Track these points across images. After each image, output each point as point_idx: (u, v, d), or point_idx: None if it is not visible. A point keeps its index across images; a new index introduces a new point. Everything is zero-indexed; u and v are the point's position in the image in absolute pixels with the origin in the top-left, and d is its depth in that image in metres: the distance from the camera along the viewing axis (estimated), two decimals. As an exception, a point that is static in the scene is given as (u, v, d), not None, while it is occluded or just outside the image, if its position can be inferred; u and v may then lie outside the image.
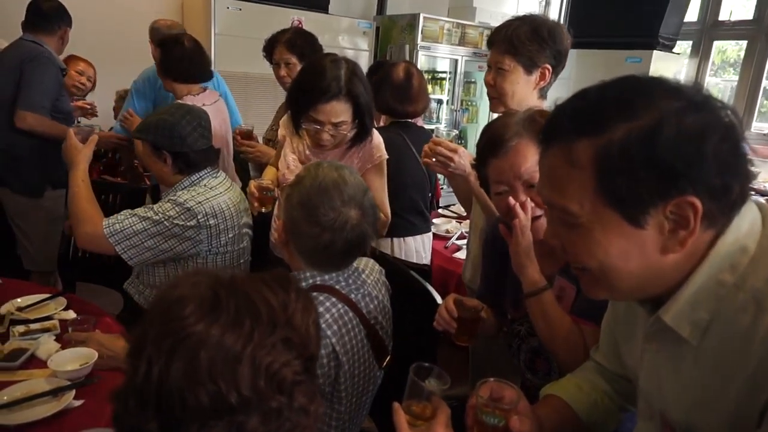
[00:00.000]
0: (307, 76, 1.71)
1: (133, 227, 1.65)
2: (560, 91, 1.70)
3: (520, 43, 1.56)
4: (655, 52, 4.66)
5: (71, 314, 1.59)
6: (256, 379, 0.64)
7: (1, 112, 2.49)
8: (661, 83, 0.70)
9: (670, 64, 4.90)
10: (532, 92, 1.63)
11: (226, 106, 2.74)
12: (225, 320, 0.65)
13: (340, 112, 1.67)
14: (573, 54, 1.75)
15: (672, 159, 0.65)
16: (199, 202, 1.69)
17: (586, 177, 0.70)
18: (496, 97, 1.65)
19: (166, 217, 1.65)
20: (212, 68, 2.67)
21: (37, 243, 2.63)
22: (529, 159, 1.15)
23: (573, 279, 1.17)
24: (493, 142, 1.20)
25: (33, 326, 1.51)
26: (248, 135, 2.42)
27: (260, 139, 2.55)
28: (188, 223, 1.67)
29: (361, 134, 1.78)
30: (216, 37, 3.97)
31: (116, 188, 2.50)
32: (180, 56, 2.38)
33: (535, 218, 1.18)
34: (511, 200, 1.17)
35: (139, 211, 1.69)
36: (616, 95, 0.71)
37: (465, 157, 1.54)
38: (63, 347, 1.41)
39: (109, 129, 3.06)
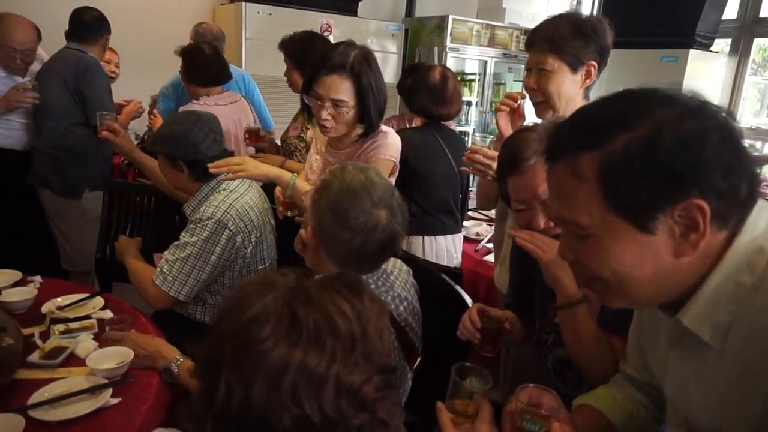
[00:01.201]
0: (321, 51, 1.71)
1: (183, 271, 1.69)
2: (596, 91, 1.66)
3: (562, 40, 1.51)
4: (691, 51, 4.53)
5: (108, 314, 1.63)
6: (340, 399, 0.63)
7: (49, 117, 2.58)
8: (656, 93, 0.72)
9: (708, 64, 4.77)
10: (578, 92, 1.57)
11: (247, 107, 2.81)
12: (306, 340, 0.63)
13: (340, 88, 1.61)
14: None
15: (673, 164, 0.67)
16: (225, 211, 1.71)
17: (593, 189, 0.71)
18: (542, 101, 1.58)
19: (203, 240, 1.68)
20: (239, 70, 2.88)
21: (74, 243, 2.71)
22: None
23: None
24: (511, 159, 1.18)
25: (72, 325, 1.55)
26: (256, 134, 2.45)
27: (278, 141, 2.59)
28: (223, 236, 1.69)
29: (367, 128, 1.71)
30: (247, 41, 4.04)
31: (151, 190, 2.54)
32: (201, 63, 2.62)
33: (556, 236, 1.16)
34: (510, 231, 1.16)
35: (177, 252, 1.71)
36: (614, 108, 0.74)
37: None
38: (100, 346, 1.44)
39: (144, 133, 3.14)
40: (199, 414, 0.66)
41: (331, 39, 4.33)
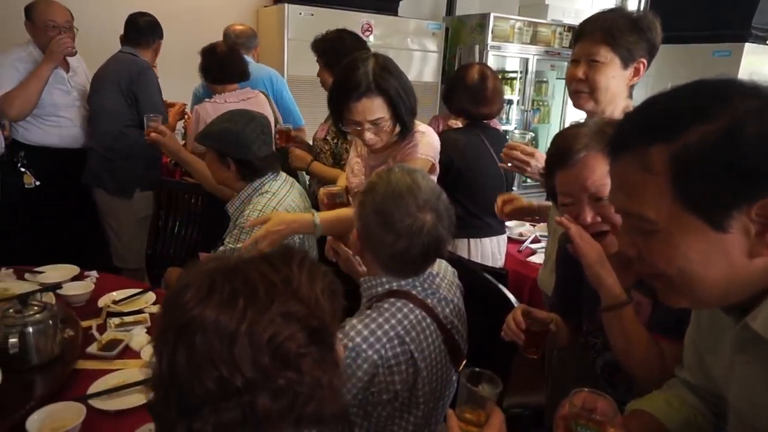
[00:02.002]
0: (338, 78, 1.69)
1: None
2: (640, 89, 1.61)
3: (619, 33, 1.47)
4: (746, 45, 4.32)
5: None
6: (258, 357, 0.63)
7: (103, 119, 2.68)
8: (734, 83, 0.69)
9: (765, 59, 4.54)
10: (624, 88, 1.54)
11: (264, 103, 2.83)
12: (218, 301, 0.65)
13: (374, 108, 1.61)
14: None
15: (756, 160, 0.63)
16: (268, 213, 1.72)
17: (663, 182, 0.69)
18: (587, 92, 1.54)
19: (250, 246, 1.69)
20: (267, 69, 3.00)
21: (125, 241, 2.81)
22: (597, 172, 1.10)
23: (649, 292, 1.10)
24: (560, 153, 1.16)
25: (126, 319, 1.61)
26: (286, 135, 2.48)
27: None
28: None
29: (403, 129, 1.70)
30: (289, 42, 4.10)
31: (197, 189, 2.61)
32: (215, 61, 2.66)
33: (601, 233, 1.13)
34: (556, 218, 1.13)
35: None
36: (688, 98, 0.70)
37: (542, 160, 1.48)
38: (153, 339, 1.49)
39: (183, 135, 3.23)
40: (152, 380, 0.68)
41: (372, 39, 4.36)
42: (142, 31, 2.79)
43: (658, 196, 0.69)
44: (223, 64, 2.67)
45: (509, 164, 1.54)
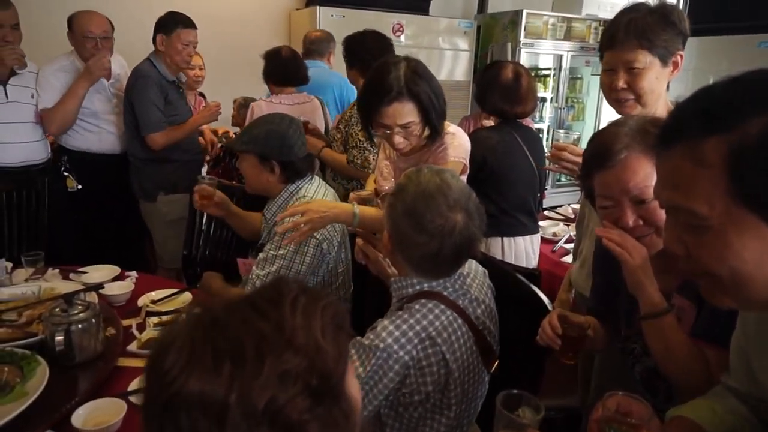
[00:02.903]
0: (369, 81, 1.69)
1: None
2: (678, 84, 1.56)
3: (654, 34, 1.41)
4: (794, 34, 4.15)
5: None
6: (254, 427, 0.54)
7: (127, 127, 2.75)
8: None
9: (814, 48, 4.34)
10: (665, 84, 1.49)
11: (318, 109, 2.90)
12: (201, 368, 0.54)
13: (404, 113, 1.61)
14: (693, 42, 1.60)
15: None
16: None
17: (717, 176, 0.65)
18: (633, 99, 1.49)
19: (292, 253, 1.73)
20: (339, 75, 3.00)
21: (158, 241, 2.88)
22: (639, 173, 1.06)
23: (693, 297, 1.06)
24: (599, 153, 1.11)
25: (165, 318, 1.66)
26: (304, 127, 2.51)
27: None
28: (311, 245, 1.75)
29: (432, 132, 1.70)
30: (321, 44, 4.14)
31: (233, 191, 2.67)
32: (276, 63, 2.78)
33: (643, 237, 1.10)
34: (598, 231, 1.09)
35: (267, 266, 1.76)
36: (747, 88, 0.66)
37: None
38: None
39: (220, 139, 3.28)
40: None
41: (402, 39, 4.37)
42: (155, 29, 2.72)
43: (711, 190, 0.66)
44: (284, 66, 2.79)
45: (556, 165, 1.49)
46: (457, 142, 1.72)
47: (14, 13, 2.46)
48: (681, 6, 5.17)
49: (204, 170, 3.13)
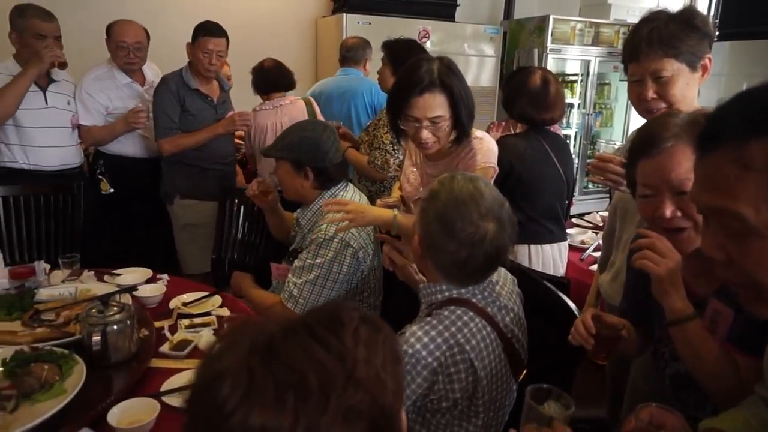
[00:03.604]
0: (401, 74, 1.70)
1: (313, 293, 1.76)
2: (710, 89, 1.53)
3: (678, 41, 1.39)
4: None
5: (226, 311, 1.76)
6: None
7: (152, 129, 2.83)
8: None
9: None
10: (696, 89, 1.46)
11: (301, 108, 3.03)
12: (262, 402, 0.51)
13: (435, 105, 1.61)
14: (724, 47, 1.57)
15: None
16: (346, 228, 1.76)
17: (764, 180, 0.63)
18: (664, 107, 1.46)
19: (329, 261, 1.75)
20: (367, 81, 3.16)
21: (177, 244, 2.92)
22: (684, 164, 1.05)
23: (731, 302, 1.04)
24: (646, 140, 1.11)
25: (196, 320, 1.69)
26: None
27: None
28: (348, 253, 1.76)
29: (460, 134, 1.70)
30: (347, 51, 4.18)
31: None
32: (259, 74, 3.03)
33: (679, 230, 1.08)
34: (636, 244, 1.08)
35: (304, 275, 1.77)
36: None
37: None
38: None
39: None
40: None
41: (428, 45, 4.38)
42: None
43: (758, 194, 0.63)
44: (265, 77, 3.01)
45: (600, 177, 1.44)
46: (486, 147, 1.72)
47: (57, 25, 2.55)
48: (712, 11, 5.07)
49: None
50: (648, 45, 1.41)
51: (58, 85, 2.63)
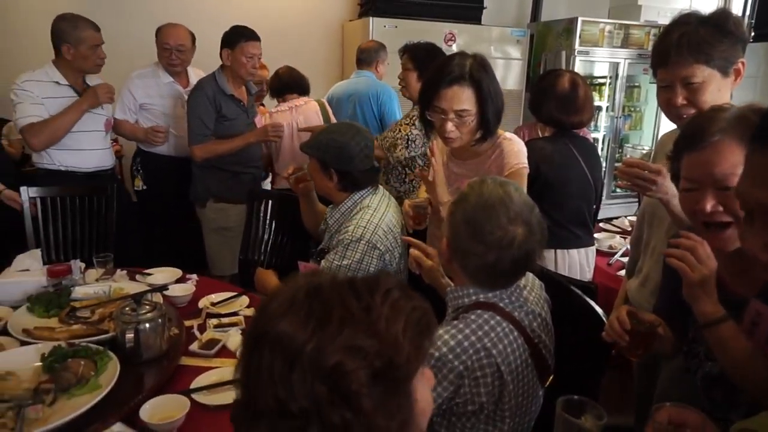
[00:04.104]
0: (435, 66, 1.73)
1: None
2: (746, 91, 1.49)
3: (710, 46, 1.35)
4: None
5: (253, 311, 1.79)
6: (315, 384, 0.60)
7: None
8: None
9: None
10: (729, 94, 1.42)
11: (311, 110, 3.12)
12: (292, 317, 0.63)
13: (462, 98, 1.64)
14: (759, 48, 1.52)
15: None
16: (373, 231, 1.77)
17: None
18: (694, 113, 1.41)
19: (356, 262, 1.76)
20: (376, 86, 3.14)
21: (207, 246, 2.97)
22: (729, 159, 1.03)
23: None
24: (692, 134, 1.10)
25: (224, 320, 1.72)
26: None
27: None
28: (374, 255, 1.77)
29: (485, 133, 1.71)
30: (373, 54, 4.20)
31: (289, 199, 2.74)
32: (275, 81, 3.25)
33: (722, 227, 1.06)
34: (676, 242, 1.06)
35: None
36: None
37: (668, 178, 1.31)
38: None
39: None
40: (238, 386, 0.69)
41: (455, 48, 4.38)
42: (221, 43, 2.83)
43: None
44: (278, 81, 3.23)
45: (628, 183, 1.40)
46: (516, 148, 1.73)
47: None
48: (747, 11, 4.95)
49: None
50: (677, 51, 1.37)
51: None
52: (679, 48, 1.36)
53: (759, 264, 0.71)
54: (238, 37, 2.70)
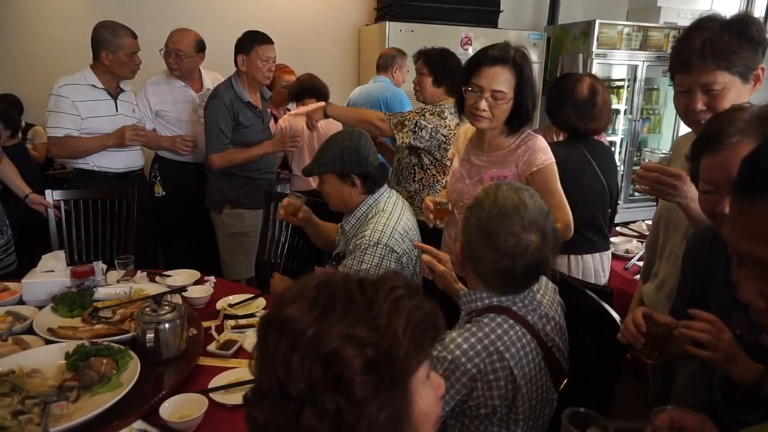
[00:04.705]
0: (481, 49, 1.78)
1: None
2: (763, 92, 1.47)
3: (732, 53, 1.32)
4: None
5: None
6: (313, 368, 0.63)
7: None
8: None
9: None
10: (746, 100, 1.39)
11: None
12: (299, 304, 0.67)
13: (502, 80, 1.70)
14: None
15: None
16: (390, 235, 1.79)
17: None
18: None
19: (375, 267, 1.77)
20: (386, 92, 3.20)
21: (222, 250, 3.00)
22: None
23: None
24: (710, 135, 1.09)
25: (241, 321, 1.75)
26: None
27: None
28: (392, 259, 1.79)
29: (519, 121, 1.76)
30: (389, 58, 4.22)
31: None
32: (295, 86, 3.39)
33: None
34: (689, 334, 1.05)
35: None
36: None
37: (687, 182, 1.31)
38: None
39: None
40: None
41: (471, 51, 4.37)
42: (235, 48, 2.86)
43: None
44: (298, 86, 3.37)
45: (645, 187, 1.38)
46: (544, 145, 1.81)
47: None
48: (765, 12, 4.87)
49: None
50: (701, 57, 1.35)
51: (126, 94, 2.82)
52: (703, 54, 1.34)
53: (754, 311, 0.70)
54: (251, 42, 2.72)
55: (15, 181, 2.57)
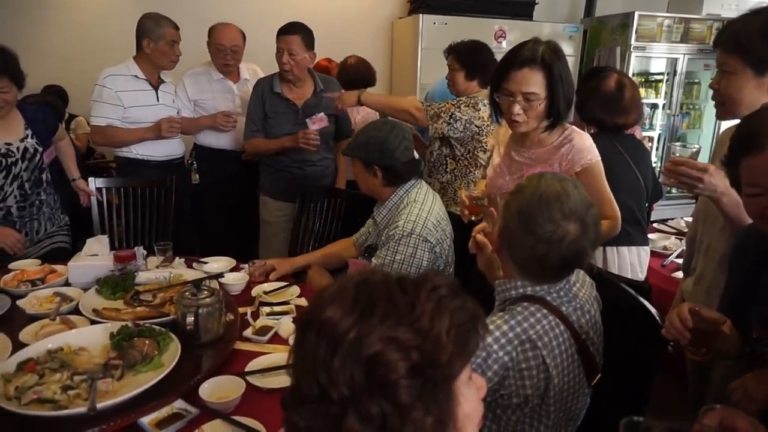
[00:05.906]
0: (509, 50, 1.74)
1: None
2: None
3: (749, 41, 1.32)
4: None
5: (303, 301, 1.85)
6: (355, 372, 0.60)
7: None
8: None
9: None
10: (764, 96, 1.37)
11: (373, 112, 3.05)
12: (338, 305, 0.64)
13: (531, 81, 1.64)
14: None
15: None
16: (423, 225, 1.80)
17: None
18: (722, 103, 1.44)
19: (409, 257, 1.79)
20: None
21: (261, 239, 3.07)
22: None
23: None
24: (747, 136, 1.06)
25: (276, 308, 1.78)
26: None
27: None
28: (426, 249, 1.80)
29: (555, 120, 1.71)
30: (423, 51, 4.21)
31: (338, 193, 2.80)
32: (342, 71, 3.33)
33: None
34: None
35: (387, 268, 1.80)
36: None
37: (717, 175, 1.31)
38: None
39: None
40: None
41: (504, 45, 4.33)
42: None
43: None
44: (347, 73, 3.30)
45: (673, 181, 1.39)
46: (588, 143, 1.75)
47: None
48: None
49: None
50: (726, 36, 1.39)
51: (166, 85, 2.89)
52: (729, 35, 1.38)
53: None
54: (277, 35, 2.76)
55: (69, 162, 2.67)
